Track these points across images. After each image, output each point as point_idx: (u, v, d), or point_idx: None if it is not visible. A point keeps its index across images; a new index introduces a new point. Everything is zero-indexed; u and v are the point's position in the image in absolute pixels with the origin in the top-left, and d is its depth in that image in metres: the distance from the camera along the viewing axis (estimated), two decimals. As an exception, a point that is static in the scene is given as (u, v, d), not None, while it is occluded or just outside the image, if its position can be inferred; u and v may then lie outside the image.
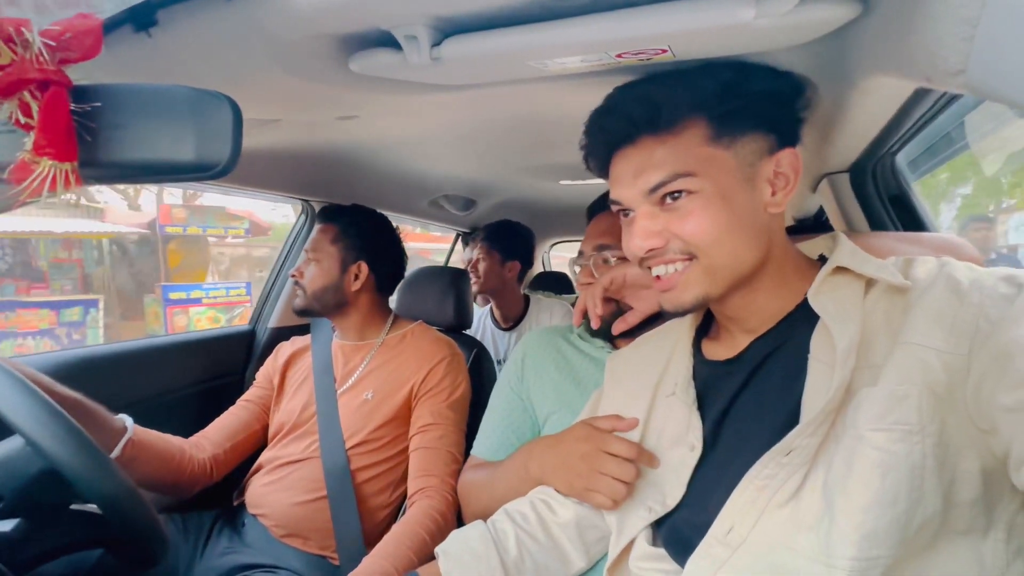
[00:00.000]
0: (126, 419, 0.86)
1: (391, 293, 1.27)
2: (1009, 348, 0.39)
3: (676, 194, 0.51)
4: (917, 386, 0.43)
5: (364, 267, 1.17)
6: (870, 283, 0.50)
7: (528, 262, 1.89)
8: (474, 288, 1.81)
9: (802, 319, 0.52)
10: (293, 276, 1.15)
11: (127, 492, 0.56)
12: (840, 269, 0.51)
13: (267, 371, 1.21)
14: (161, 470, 0.92)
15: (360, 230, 1.19)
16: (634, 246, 0.54)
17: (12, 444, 0.55)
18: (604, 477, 0.61)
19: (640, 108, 0.52)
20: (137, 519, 0.57)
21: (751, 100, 0.52)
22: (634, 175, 0.53)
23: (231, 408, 1.16)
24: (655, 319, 0.75)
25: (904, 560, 0.43)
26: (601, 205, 0.90)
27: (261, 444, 1.15)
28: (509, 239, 1.82)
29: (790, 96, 0.55)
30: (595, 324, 0.77)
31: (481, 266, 1.78)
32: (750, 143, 0.52)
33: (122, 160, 0.46)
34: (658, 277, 0.54)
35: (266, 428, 1.16)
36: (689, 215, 0.51)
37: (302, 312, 1.16)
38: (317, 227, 1.18)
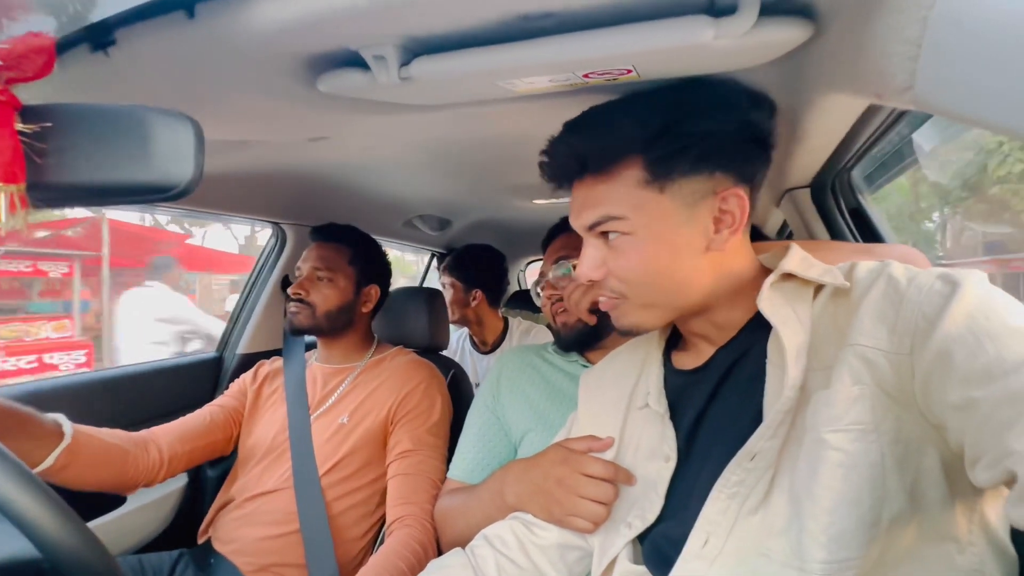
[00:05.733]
0: (63, 422, 0.79)
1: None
2: (948, 346, 0.40)
3: (612, 233, 0.53)
4: (869, 386, 0.44)
5: (376, 290, 1.19)
6: (819, 289, 0.52)
7: (496, 286, 1.85)
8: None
9: (762, 327, 0.52)
10: (298, 293, 1.11)
11: (77, 533, 0.52)
12: (789, 276, 0.52)
13: (243, 384, 1.17)
14: (99, 473, 0.86)
15: (371, 253, 1.20)
16: (580, 273, 0.57)
17: None
18: (583, 500, 0.60)
19: (580, 150, 0.54)
20: (88, 565, 0.53)
21: (687, 143, 0.51)
22: (578, 210, 0.56)
23: (199, 410, 1.11)
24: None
25: (881, 567, 0.43)
26: (556, 231, 0.94)
27: (219, 456, 1.10)
28: (470, 267, 1.80)
29: (735, 135, 0.53)
30: (592, 322, 0.80)
31: (447, 295, 1.76)
32: (690, 184, 0.52)
33: (75, 182, 0.44)
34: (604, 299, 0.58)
35: (229, 440, 1.11)
36: (623, 254, 0.53)
37: (305, 331, 1.13)
38: (325, 245, 1.16)
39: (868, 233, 1.09)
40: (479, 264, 1.82)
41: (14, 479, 0.46)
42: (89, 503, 0.96)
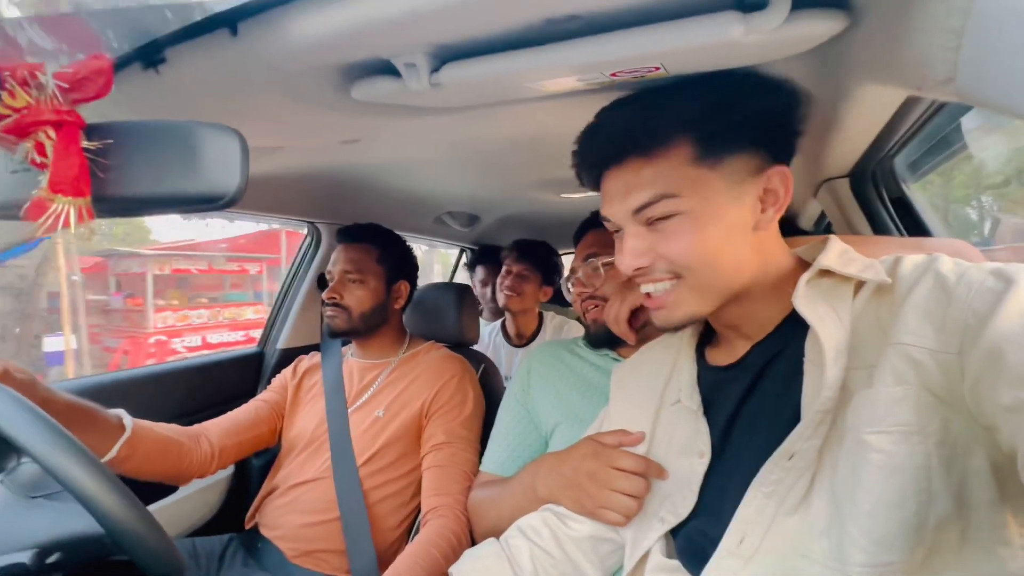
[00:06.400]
0: (123, 416, 0.86)
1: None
2: (1000, 345, 0.38)
3: (661, 219, 0.52)
4: (913, 386, 0.42)
5: (406, 286, 1.22)
6: (860, 285, 0.50)
7: (556, 286, 1.87)
8: (501, 301, 1.81)
9: (799, 324, 0.51)
10: (332, 298, 1.14)
11: (142, 518, 0.56)
12: (827, 272, 0.51)
13: (284, 379, 1.23)
14: (156, 464, 0.92)
15: (398, 249, 1.23)
16: (623, 264, 0.55)
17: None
18: (614, 494, 0.61)
19: (627, 129, 0.53)
20: (152, 546, 0.57)
21: (738, 120, 0.51)
22: (623, 194, 0.53)
23: (245, 405, 1.16)
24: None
25: (928, 571, 0.42)
26: (586, 226, 0.94)
27: (265, 447, 1.16)
28: (551, 267, 1.83)
29: (782, 113, 0.53)
30: (631, 341, 0.79)
31: (525, 285, 1.77)
32: (738, 162, 0.51)
33: (134, 194, 0.47)
34: (648, 295, 0.55)
35: (273, 432, 1.17)
36: (674, 236, 0.51)
37: (344, 333, 1.17)
38: (352, 247, 1.19)
39: (913, 224, 1.04)
40: (555, 267, 1.85)
41: (85, 467, 0.51)
42: (144, 491, 1.03)
